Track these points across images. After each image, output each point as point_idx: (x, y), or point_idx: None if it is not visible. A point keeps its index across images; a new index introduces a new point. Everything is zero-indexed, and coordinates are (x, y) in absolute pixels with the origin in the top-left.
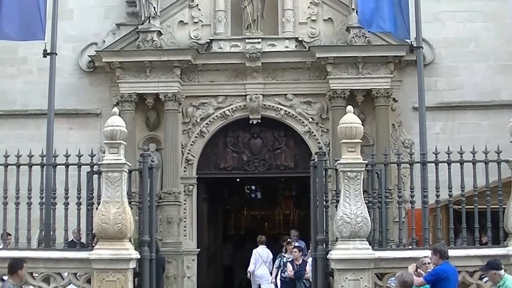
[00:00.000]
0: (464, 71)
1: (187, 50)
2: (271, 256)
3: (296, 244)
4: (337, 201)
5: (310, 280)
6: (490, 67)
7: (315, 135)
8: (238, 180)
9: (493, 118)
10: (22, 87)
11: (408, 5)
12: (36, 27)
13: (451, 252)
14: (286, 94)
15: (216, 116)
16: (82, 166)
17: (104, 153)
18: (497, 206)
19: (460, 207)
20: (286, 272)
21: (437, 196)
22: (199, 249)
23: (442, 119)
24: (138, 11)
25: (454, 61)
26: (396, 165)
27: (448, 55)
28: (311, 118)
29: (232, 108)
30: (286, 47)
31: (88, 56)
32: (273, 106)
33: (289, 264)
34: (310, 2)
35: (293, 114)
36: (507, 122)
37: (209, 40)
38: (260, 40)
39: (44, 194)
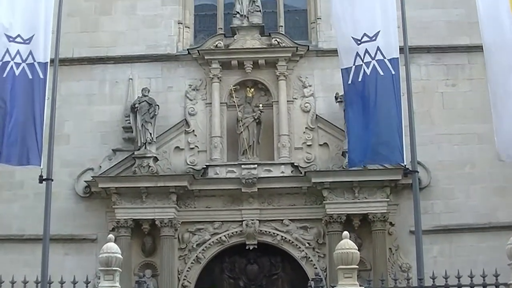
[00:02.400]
0: (460, 193)
1: (183, 176)
2: None
3: None
4: None
5: None
6: (486, 189)
7: (312, 261)
8: None
9: (490, 240)
10: (19, 212)
11: (402, 129)
12: (32, 153)
13: None
14: (282, 220)
15: (212, 242)
16: None
17: (100, 279)
18: None
19: None
20: None
21: None
22: None
23: (439, 242)
24: (135, 137)
25: (450, 184)
26: None
27: (444, 177)
28: (308, 243)
29: (228, 234)
30: (282, 172)
31: (85, 181)
32: (269, 232)
33: None
34: (306, 128)
35: (289, 240)
36: (505, 244)
37: (205, 166)
38: (256, 165)
39: None
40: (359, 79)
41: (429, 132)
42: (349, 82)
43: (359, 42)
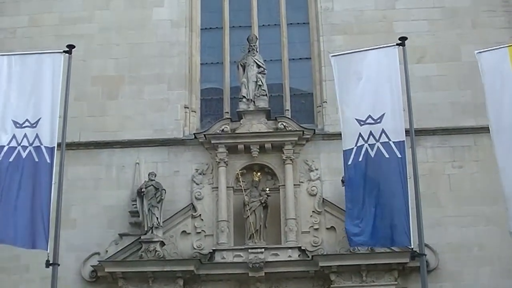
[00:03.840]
0: (469, 276)
1: (190, 261)
2: None
3: None
4: None
5: None
6: (495, 271)
7: None
8: None
9: None
10: None
11: (409, 212)
12: (39, 237)
13: None
14: None
15: None
16: None
17: None
18: None
19: None
20: None
21: None
22: None
23: None
24: (141, 221)
25: (459, 266)
26: None
27: (452, 260)
28: None
29: None
30: (289, 256)
31: (91, 266)
32: None
33: None
34: (313, 211)
35: None
36: None
37: (212, 250)
38: (263, 250)
39: None
40: (360, 159)
41: (437, 214)
42: (349, 163)
43: (362, 123)
